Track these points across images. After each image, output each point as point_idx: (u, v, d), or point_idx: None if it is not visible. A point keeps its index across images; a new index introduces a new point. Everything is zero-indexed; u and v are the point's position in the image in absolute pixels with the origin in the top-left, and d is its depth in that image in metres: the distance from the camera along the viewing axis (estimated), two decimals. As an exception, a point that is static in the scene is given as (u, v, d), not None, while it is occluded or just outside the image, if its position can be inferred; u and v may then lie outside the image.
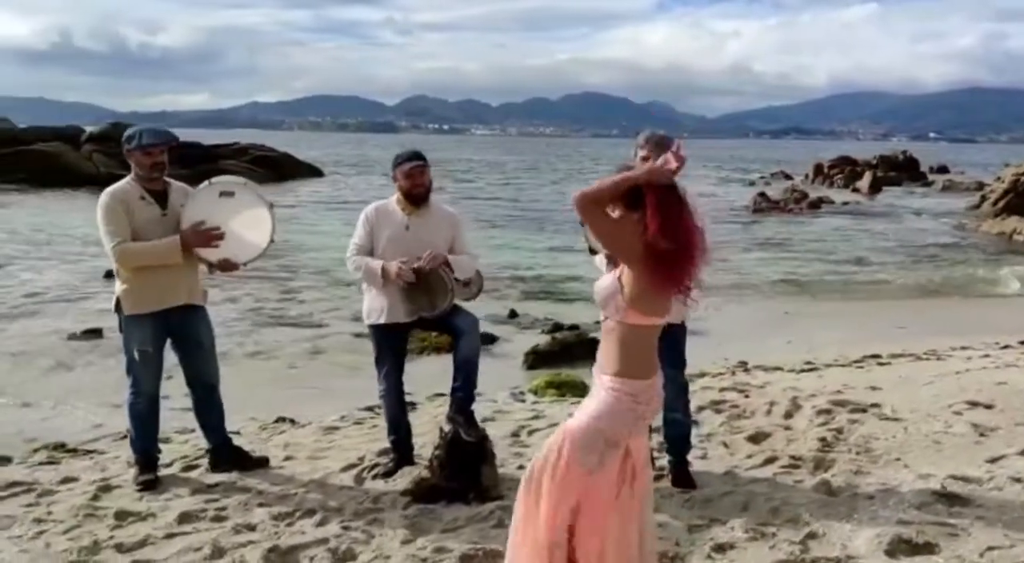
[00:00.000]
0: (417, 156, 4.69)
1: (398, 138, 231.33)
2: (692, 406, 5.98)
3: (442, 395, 6.73)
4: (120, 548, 3.84)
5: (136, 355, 4.55)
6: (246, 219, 4.62)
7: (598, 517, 2.88)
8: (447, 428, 4.59)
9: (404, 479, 4.64)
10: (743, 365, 7.78)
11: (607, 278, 2.89)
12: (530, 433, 5.56)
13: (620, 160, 3.57)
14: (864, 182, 38.02)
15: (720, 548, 3.76)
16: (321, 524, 4.11)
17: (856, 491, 4.40)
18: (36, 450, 5.41)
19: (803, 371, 7.44)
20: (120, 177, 4.76)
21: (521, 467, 4.86)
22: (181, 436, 5.65)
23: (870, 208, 30.72)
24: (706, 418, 5.81)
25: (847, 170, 41.23)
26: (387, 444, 4.93)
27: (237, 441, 5.47)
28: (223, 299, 10.82)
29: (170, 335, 4.67)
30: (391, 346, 4.74)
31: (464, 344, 4.59)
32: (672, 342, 4.37)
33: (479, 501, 4.29)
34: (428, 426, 5.38)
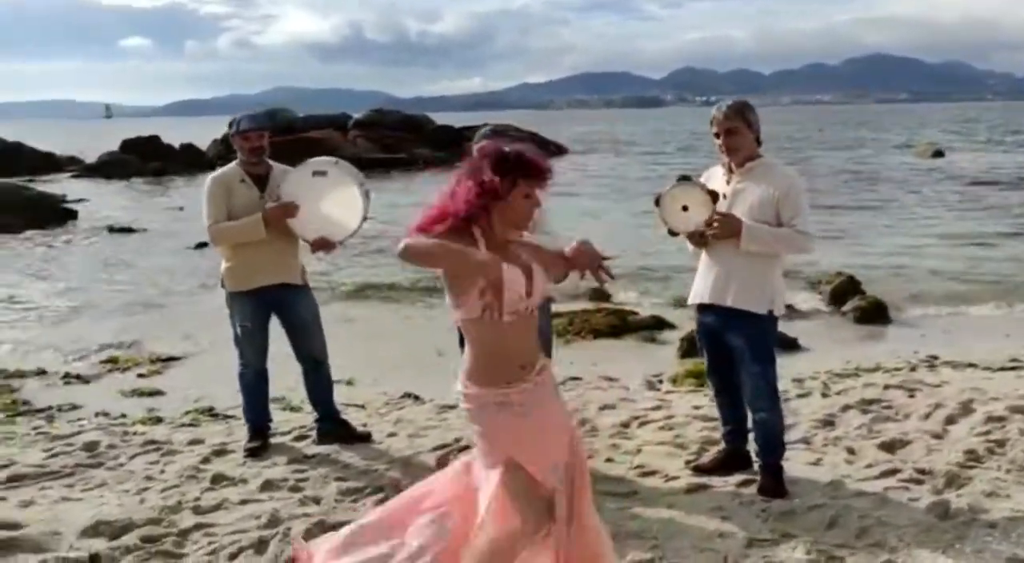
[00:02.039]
0: (488, 136, 4.56)
1: (663, 112, 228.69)
2: (842, 404, 5.46)
3: (577, 379, 6.59)
4: (197, 510, 4.13)
5: (239, 330, 4.85)
6: (339, 198, 4.73)
7: None
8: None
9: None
10: (931, 360, 6.84)
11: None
12: (641, 425, 5.26)
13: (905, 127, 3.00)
14: None
15: (767, 569, 3.34)
16: (382, 502, 4.15)
17: (977, 516, 3.72)
18: (188, 412, 5.95)
19: (1002, 370, 6.41)
20: (382, 160, 5.05)
21: (610, 460, 4.65)
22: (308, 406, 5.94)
23: None
24: (846, 419, 5.19)
25: None
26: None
27: (358, 415, 5.72)
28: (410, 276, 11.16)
29: (275, 312, 4.93)
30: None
31: (540, 324, 4.41)
32: (749, 335, 3.94)
33: (542, 492, 4.12)
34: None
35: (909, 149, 39.18)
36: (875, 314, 8.72)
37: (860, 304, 8.87)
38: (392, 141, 34.88)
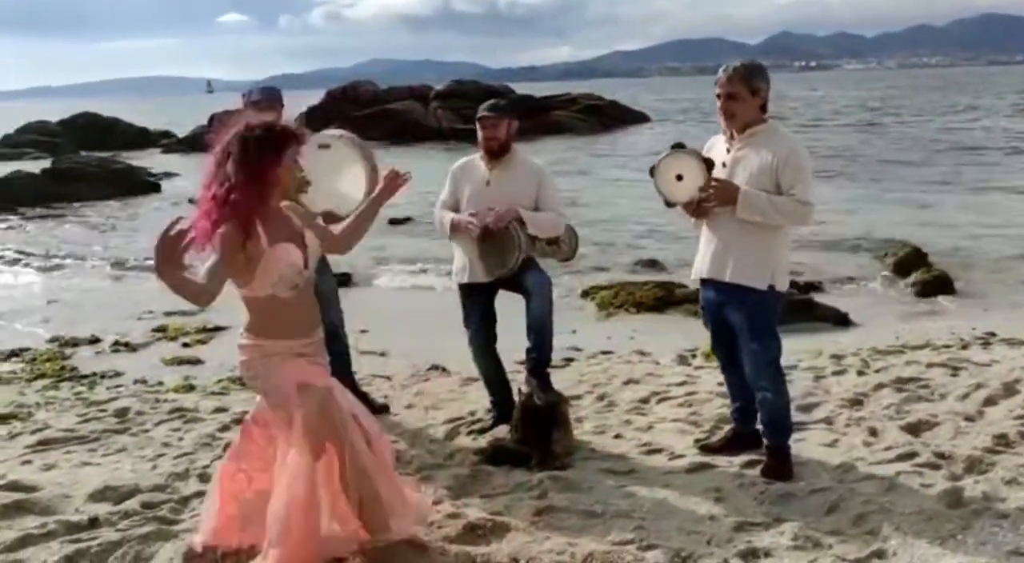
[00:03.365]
0: (492, 107, 4.49)
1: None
2: (876, 382, 5.23)
3: (608, 353, 6.48)
4: (202, 477, 4.21)
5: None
6: (344, 171, 4.71)
7: None
8: (525, 389, 4.41)
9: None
10: (987, 338, 6.46)
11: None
12: (661, 401, 5.14)
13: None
14: None
15: (748, 555, 3.21)
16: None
17: (991, 506, 3.51)
18: (219, 381, 6.09)
19: (1062, 348, 6.00)
20: (461, 132, 5.09)
21: (618, 436, 4.56)
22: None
23: None
24: (877, 398, 4.96)
25: None
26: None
27: (382, 387, 5.77)
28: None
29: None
30: (476, 306, 4.61)
31: (534, 305, 4.35)
32: (749, 312, 3.78)
33: (539, 468, 4.07)
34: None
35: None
36: (938, 287, 8.29)
37: (923, 277, 8.45)
38: (472, 112, 34.89)
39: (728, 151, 3.83)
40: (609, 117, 37.79)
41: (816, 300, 7.61)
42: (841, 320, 7.14)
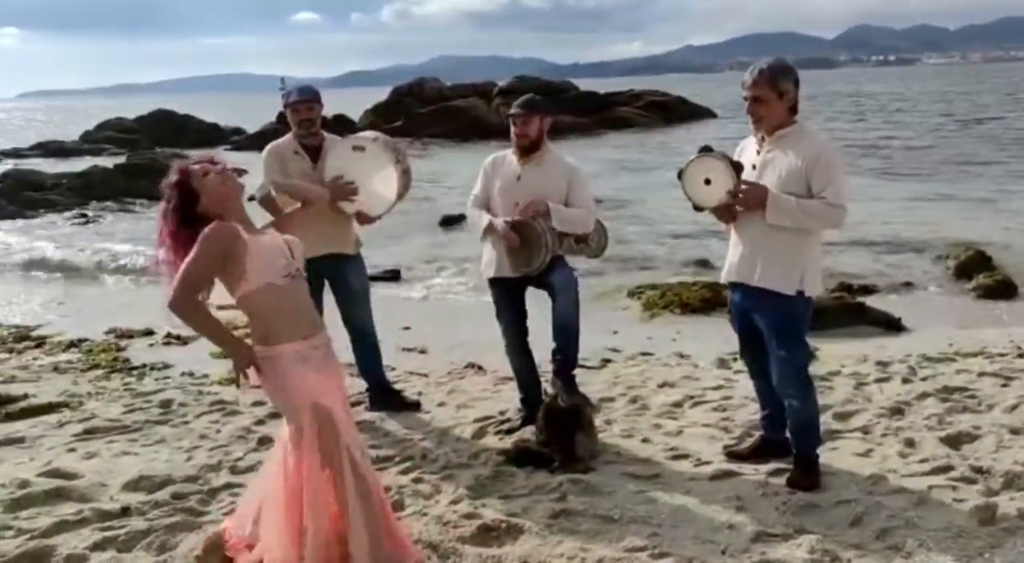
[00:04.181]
0: (523, 104, 4.48)
1: (832, 74, 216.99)
2: (921, 391, 5.09)
3: (648, 355, 6.41)
4: (234, 470, 4.33)
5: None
6: (377, 173, 4.78)
7: None
8: (551, 391, 4.40)
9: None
10: (1048, 345, 6.19)
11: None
12: (694, 405, 5.06)
13: None
14: None
15: (760, 567, 3.15)
16: (405, 473, 4.21)
17: (1025, 524, 3.36)
18: (262, 375, 6.21)
19: None
20: None
21: (646, 440, 4.52)
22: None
23: None
24: (919, 408, 4.81)
25: None
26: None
27: (417, 384, 5.81)
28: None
29: (328, 281, 5.05)
30: (506, 301, 4.62)
31: (560, 304, 4.33)
32: (777, 317, 3.70)
33: (561, 471, 4.06)
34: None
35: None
36: (1000, 292, 7.99)
37: (985, 281, 8.14)
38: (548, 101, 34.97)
39: (758, 153, 3.75)
40: (674, 113, 37.36)
41: (867, 304, 7.40)
42: (893, 325, 6.93)
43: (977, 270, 8.52)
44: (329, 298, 5.08)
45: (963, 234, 11.26)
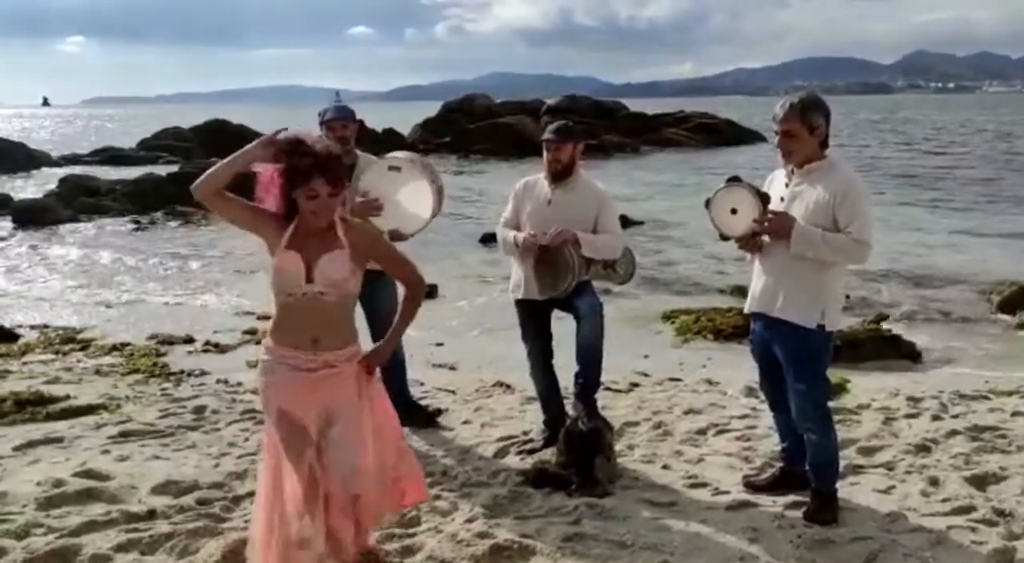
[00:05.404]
0: (557, 130, 4.54)
1: (887, 100, 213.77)
2: (950, 428, 5.02)
3: (676, 380, 6.40)
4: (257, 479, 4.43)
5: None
6: (411, 192, 4.86)
7: None
8: (572, 414, 4.44)
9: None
10: (1087, 388, 6.05)
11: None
12: (718, 433, 5.05)
13: None
14: None
15: (768, 600, 3.14)
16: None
17: (1043, 570, 3.30)
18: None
19: None
20: None
21: (666, 467, 4.52)
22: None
23: None
24: (947, 446, 4.74)
25: None
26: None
27: (445, 400, 5.87)
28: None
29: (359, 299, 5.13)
30: (532, 323, 4.67)
31: (584, 330, 4.37)
32: (796, 350, 3.70)
33: (578, 494, 4.09)
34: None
35: None
36: (1044, 331, 7.81)
37: (1028, 318, 7.99)
38: (583, 127, 35.13)
39: (787, 186, 3.76)
40: (722, 136, 37.16)
41: (903, 337, 7.30)
42: (928, 359, 6.83)
43: (1021, 306, 8.35)
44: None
45: (1009, 270, 11.03)
